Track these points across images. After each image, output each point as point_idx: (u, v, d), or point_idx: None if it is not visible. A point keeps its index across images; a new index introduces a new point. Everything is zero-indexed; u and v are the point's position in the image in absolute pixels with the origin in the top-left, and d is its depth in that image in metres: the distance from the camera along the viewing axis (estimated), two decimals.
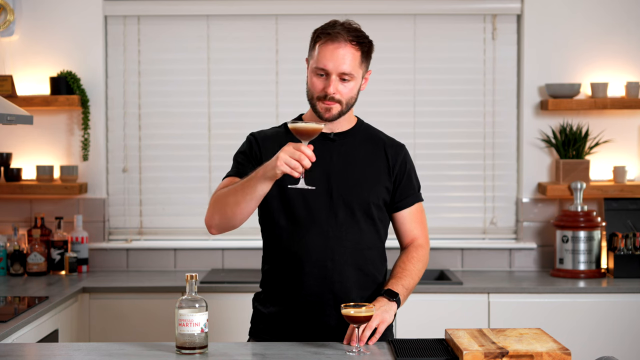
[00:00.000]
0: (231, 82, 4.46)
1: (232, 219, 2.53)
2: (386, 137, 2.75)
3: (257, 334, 2.71)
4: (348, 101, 2.60)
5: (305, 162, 2.35)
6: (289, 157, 2.35)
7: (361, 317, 2.39)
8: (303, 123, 2.41)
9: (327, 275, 2.59)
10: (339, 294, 2.59)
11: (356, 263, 2.62)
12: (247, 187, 2.46)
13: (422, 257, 2.72)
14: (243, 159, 2.67)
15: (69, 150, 4.42)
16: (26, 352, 2.58)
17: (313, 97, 2.59)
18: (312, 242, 2.59)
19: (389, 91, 4.45)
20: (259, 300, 2.73)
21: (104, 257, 4.43)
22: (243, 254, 4.40)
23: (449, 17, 4.43)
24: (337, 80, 2.56)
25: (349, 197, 2.61)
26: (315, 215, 2.59)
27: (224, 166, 4.32)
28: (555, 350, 2.28)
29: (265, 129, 2.76)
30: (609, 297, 3.94)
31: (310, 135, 2.41)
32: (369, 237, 2.65)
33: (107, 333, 3.95)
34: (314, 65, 2.57)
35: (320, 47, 2.56)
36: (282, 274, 2.64)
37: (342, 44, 2.54)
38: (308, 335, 2.61)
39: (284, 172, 2.36)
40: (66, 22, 4.39)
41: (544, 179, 4.42)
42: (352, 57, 2.55)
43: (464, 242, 4.44)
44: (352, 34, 2.56)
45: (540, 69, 4.38)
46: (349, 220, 2.61)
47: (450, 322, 3.74)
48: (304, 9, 4.41)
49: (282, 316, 2.63)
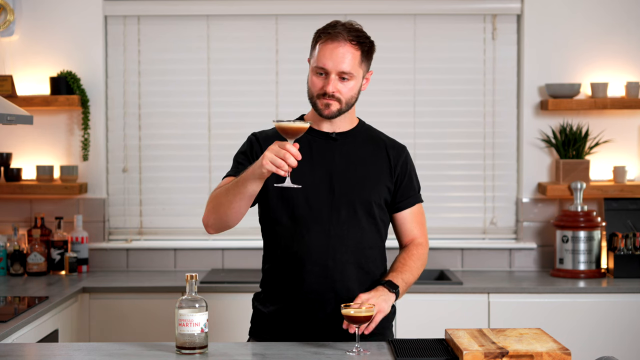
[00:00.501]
0: (231, 82, 4.46)
1: (226, 218, 2.55)
2: (387, 138, 2.76)
3: (257, 334, 2.71)
4: (348, 100, 2.60)
5: (291, 160, 2.35)
6: (274, 155, 2.35)
7: (361, 317, 2.40)
8: (288, 121, 2.41)
9: (329, 274, 2.59)
10: (340, 292, 2.59)
11: (357, 261, 2.62)
12: (238, 187, 2.47)
13: (422, 255, 2.73)
14: (243, 159, 2.67)
15: (69, 150, 4.42)
16: (26, 352, 2.58)
17: (313, 95, 2.60)
18: (313, 241, 2.59)
19: (389, 91, 4.45)
20: (259, 299, 2.73)
21: (104, 257, 4.43)
22: (243, 254, 4.40)
23: (449, 17, 4.43)
24: (337, 79, 2.57)
25: (351, 196, 2.62)
26: (316, 213, 2.60)
27: (224, 166, 4.32)
28: (555, 350, 2.28)
29: (267, 129, 2.76)
30: (609, 297, 3.94)
31: (295, 133, 2.41)
32: (370, 236, 2.65)
33: (107, 333, 3.95)
34: (314, 64, 2.59)
35: (320, 46, 2.57)
36: (282, 273, 2.64)
37: (341, 43, 2.55)
38: (308, 334, 2.61)
39: (270, 171, 2.37)
40: (66, 22, 4.39)
41: (544, 179, 4.42)
42: (351, 57, 2.56)
43: (464, 242, 4.44)
44: (352, 34, 2.57)
45: (540, 69, 4.38)
46: (350, 219, 2.62)
47: (450, 322, 3.74)
48: (304, 9, 4.41)
49: (282, 315, 2.64)
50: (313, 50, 2.61)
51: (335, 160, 2.63)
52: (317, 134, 2.67)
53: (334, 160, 2.63)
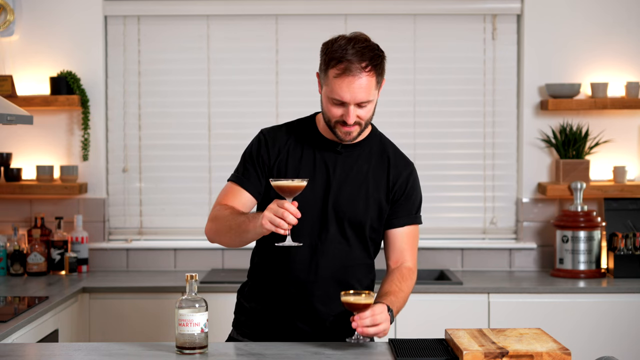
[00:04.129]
0: (231, 82, 4.46)
1: (228, 246, 2.64)
2: (394, 154, 2.68)
3: (239, 326, 2.73)
4: (367, 121, 2.56)
5: (290, 218, 2.33)
6: (273, 215, 2.34)
7: (361, 304, 2.39)
8: (285, 181, 2.40)
9: (308, 289, 2.59)
10: (317, 305, 2.60)
11: (339, 279, 2.61)
12: (239, 232, 2.50)
13: (413, 282, 2.65)
14: (249, 162, 2.64)
15: (69, 150, 4.42)
16: (26, 352, 2.58)
17: (331, 121, 2.54)
18: (298, 255, 2.58)
19: (389, 91, 4.42)
20: (242, 294, 2.75)
21: (104, 257, 4.43)
22: (243, 254, 4.40)
23: (449, 17, 4.43)
24: (355, 108, 2.51)
25: (343, 214, 2.59)
26: (306, 227, 2.57)
27: (224, 166, 4.34)
28: (555, 350, 2.28)
29: (276, 125, 2.72)
30: (609, 297, 3.94)
31: (293, 192, 2.40)
32: (357, 255, 2.63)
33: (107, 333, 3.95)
34: (330, 95, 2.50)
35: (334, 79, 2.47)
36: (268, 273, 2.65)
37: (357, 76, 2.46)
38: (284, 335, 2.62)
39: (269, 230, 2.37)
40: (66, 22, 4.39)
41: (544, 179, 4.42)
42: (367, 84, 2.49)
43: (464, 242, 4.44)
44: (365, 59, 2.47)
45: (540, 69, 4.38)
46: (339, 237, 2.60)
47: (450, 322, 3.74)
48: (304, 9, 4.41)
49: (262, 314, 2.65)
50: (325, 77, 2.51)
51: (335, 174, 2.60)
52: (324, 143, 2.63)
53: (334, 173, 2.60)
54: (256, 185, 2.62)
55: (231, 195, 2.63)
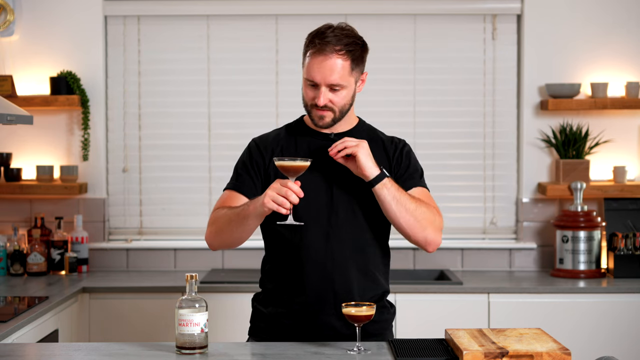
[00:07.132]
0: (231, 82, 4.46)
1: (230, 242, 2.62)
2: (385, 137, 2.74)
3: (257, 334, 2.71)
4: (341, 108, 2.59)
5: (292, 197, 2.37)
6: (275, 194, 2.37)
7: (362, 316, 2.40)
8: (289, 160, 2.43)
9: (327, 275, 2.59)
10: (340, 293, 2.59)
11: (356, 262, 2.62)
12: (239, 220, 2.51)
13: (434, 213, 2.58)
14: (242, 169, 2.67)
15: (69, 150, 4.42)
16: (26, 352, 2.58)
17: (307, 105, 2.61)
18: (312, 242, 2.59)
19: (389, 91, 4.45)
20: (258, 300, 2.73)
21: (104, 257, 4.43)
22: (243, 254, 4.40)
23: (449, 17, 4.43)
24: (327, 90, 2.55)
25: (349, 196, 2.61)
26: (315, 214, 2.59)
27: (224, 166, 4.35)
28: (555, 350, 2.28)
29: (268, 132, 2.76)
30: (609, 297, 3.94)
31: (297, 171, 2.43)
32: (369, 236, 2.64)
33: (107, 333, 3.95)
34: (304, 75, 2.58)
35: (309, 58, 2.56)
36: (283, 273, 2.64)
37: (328, 56, 2.52)
38: (308, 334, 2.61)
39: (271, 209, 2.39)
40: (66, 22, 4.39)
41: (544, 179, 4.42)
42: (340, 67, 2.53)
43: (464, 242, 4.44)
44: (341, 43, 2.53)
45: (540, 69, 4.38)
46: (349, 219, 2.61)
47: (450, 322, 3.74)
48: (304, 9, 4.41)
49: (282, 316, 2.63)
50: (304, 59, 2.59)
51: (333, 161, 2.62)
52: (315, 135, 2.67)
53: (332, 161, 2.63)
54: (252, 188, 2.64)
55: (228, 201, 2.65)
